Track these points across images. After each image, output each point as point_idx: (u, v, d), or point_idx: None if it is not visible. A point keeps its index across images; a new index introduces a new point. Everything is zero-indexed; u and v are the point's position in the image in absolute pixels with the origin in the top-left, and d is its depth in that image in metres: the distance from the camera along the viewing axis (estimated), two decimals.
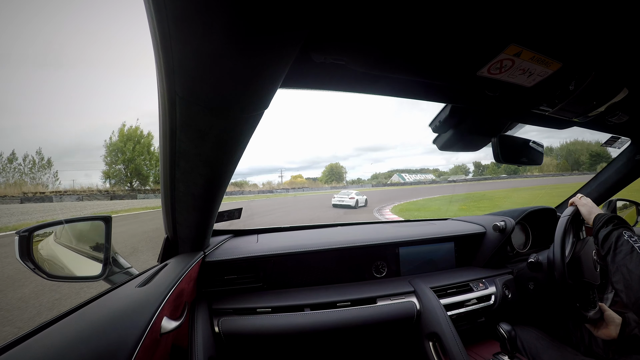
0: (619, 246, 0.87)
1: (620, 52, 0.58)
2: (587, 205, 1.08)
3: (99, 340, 0.49)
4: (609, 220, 0.95)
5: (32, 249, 0.81)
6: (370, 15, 0.43)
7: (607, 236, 0.92)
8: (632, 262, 0.82)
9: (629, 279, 0.81)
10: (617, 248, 0.88)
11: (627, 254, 0.84)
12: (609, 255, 0.89)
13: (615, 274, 0.86)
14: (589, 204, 1.08)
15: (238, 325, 0.99)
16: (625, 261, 0.84)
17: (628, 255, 0.84)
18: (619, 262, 0.85)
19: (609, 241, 0.91)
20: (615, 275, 0.86)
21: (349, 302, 1.11)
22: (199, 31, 0.35)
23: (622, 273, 0.84)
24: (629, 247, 0.85)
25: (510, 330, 1.00)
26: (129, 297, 0.68)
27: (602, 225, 0.96)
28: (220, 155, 0.62)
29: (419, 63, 0.56)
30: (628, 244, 0.86)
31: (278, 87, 0.49)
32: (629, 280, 0.81)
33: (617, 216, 0.97)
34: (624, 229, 0.91)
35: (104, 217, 0.96)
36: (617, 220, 0.95)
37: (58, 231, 1.02)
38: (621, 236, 0.89)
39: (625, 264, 0.83)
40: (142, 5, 0.36)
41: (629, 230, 0.90)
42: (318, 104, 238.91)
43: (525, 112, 0.82)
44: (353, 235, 1.37)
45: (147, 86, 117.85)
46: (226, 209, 1.34)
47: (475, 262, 1.47)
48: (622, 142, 1.39)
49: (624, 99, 0.71)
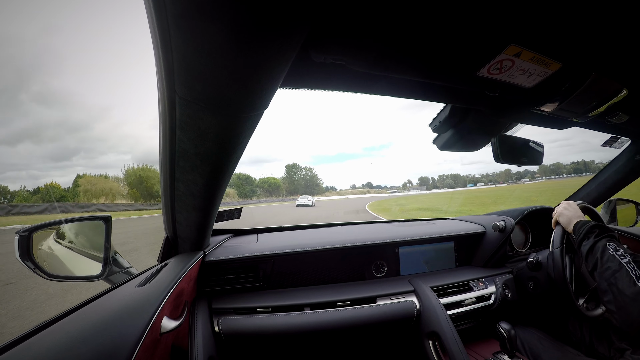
0: (605, 262, 0.81)
1: (620, 52, 0.58)
2: (564, 214, 1.02)
3: (99, 340, 0.49)
4: (590, 231, 0.89)
5: (32, 249, 0.81)
6: (370, 14, 0.43)
7: (591, 250, 0.86)
8: (621, 281, 0.76)
9: (620, 300, 0.76)
10: (603, 264, 0.81)
11: (615, 271, 0.78)
12: (596, 271, 0.83)
13: (605, 294, 0.80)
14: (568, 213, 1.02)
15: (238, 325, 0.99)
16: (615, 280, 0.78)
17: (617, 273, 0.78)
18: (608, 280, 0.79)
19: (594, 256, 0.85)
20: (605, 295, 0.80)
21: (349, 301, 1.11)
22: (199, 30, 0.35)
23: (612, 293, 0.78)
24: (616, 263, 0.79)
25: (509, 329, 1.00)
26: (129, 296, 0.68)
27: (583, 237, 0.90)
28: (220, 155, 0.62)
29: (419, 63, 0.56)
30: (614, 259, 0.79)
31: (278, 87, 0.49)
32: (621, 301, 0.76)
33: (597, 225, 0.91)
34: (607, 239, 0.85)
35: (103, 217, 0.96)
36: (598, 230, 0.89)
37: (58, 231, 1.02)
38: (606, 250, 0.82)
39: (614, 283, 0.77)
40: (142, 5, 0.36)
41: (612, 241, 0.84)
42: (296, 105, 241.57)
43: (525, 112, 0.82)
44: (353, 234, 1.37)
45: (146, 86, 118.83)
46: (226, 208, 1.34)
47: (475, 262, 1.47)
48: (622, 142, 1.39)
49: (624, 99, 0.71)
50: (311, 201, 30.71)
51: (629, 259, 0.78)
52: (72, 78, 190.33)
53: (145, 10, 0.36)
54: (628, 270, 0.77)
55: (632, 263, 0.78)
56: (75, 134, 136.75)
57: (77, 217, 0.98)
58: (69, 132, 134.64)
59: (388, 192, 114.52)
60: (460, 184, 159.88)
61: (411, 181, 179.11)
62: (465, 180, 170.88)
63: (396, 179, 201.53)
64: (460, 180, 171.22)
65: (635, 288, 0.74)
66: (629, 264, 0.77)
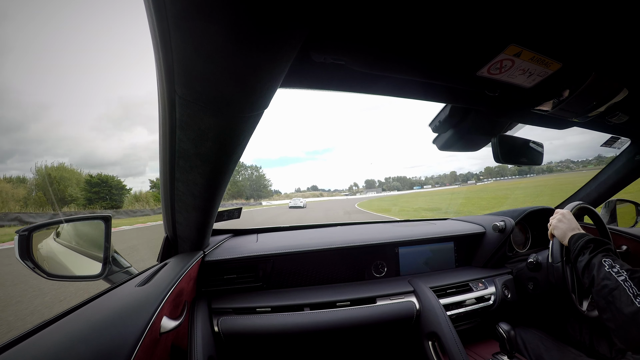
0: (602, 280, 0.80)
1: (620, 52, 0.58)
2: (559, 227, 1.01)
3: (98, 340, 0.49)
4: (585, 246, 0.88)
5: (32, 249, 0.81)
6: (370, 14, 0.43)
7: (587, 266, 0.85)
8: (619, 300, 0.75)
9: (619, 319, 0.74)
10: (600, 282, 0.80)
11: (612, 289, 0.77)
12: (593, 288, 0.82)
13: (604, 311, 0.79)
14: (562, 226, 1.00)
15: (237, 325, 0.99)
16: (612, 298, 0.76)
17: (615, 291, 0.76)
18: (605, 297, 0.78)
19: (590, 273, 0.83)
20: (604, 312, 0.79)
21: (349, 301, 1.11)
22: (199, 30, 0.35)
23: (611, 311, 0.76)
24: (612, 281, 0.77)
25: (509, 330, 1.00)
26: (129, 296, 0.68)
27: (579, 253, 0.89)
28: (220, 154, 0.62)
29: (419, 63, 0.56)
30: (611, 277, 0.78)
31: (278, 87, 0.49)
32: (620, 320, 0.74)
33: (592, 239, 0.89)
34: (603, 254, 0.84)
35: (103, 217, 0.96)
36: (593, 245, 0.87)
37: (58, 230, 1.02)
38: (601, 267, 0.81)
39: (612, 302, 0.76)
40: (142, 5, 0.36)
41: (608, 256, 0.83)
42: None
43: (525, 112, 0.82)
44: (353, 235, 1.37)
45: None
46: (226, 208, 1.34)
47: (474, 262, 1.47)
48: (622, 142, 1.39)
49: (624, 99, 0.71)
50: (303, 202, 34.79)
51: (625, 277, 0.77)
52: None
53: (145, 10, 0.36)
54: (625, 288, 0.75)
55: (628, 280, 0.76)
56: (9, 135, 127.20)
57: (77, 216, 0.98)
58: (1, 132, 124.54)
59: (343, 195, 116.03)
60: (407, 186, 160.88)
61: (357, 184, 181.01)
62: (411, 182, 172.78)
63: (341, 182, 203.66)
64: (407, 182, 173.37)
65: (633, 307, 0.72)
66: (625, 281, 0.76)
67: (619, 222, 1.71)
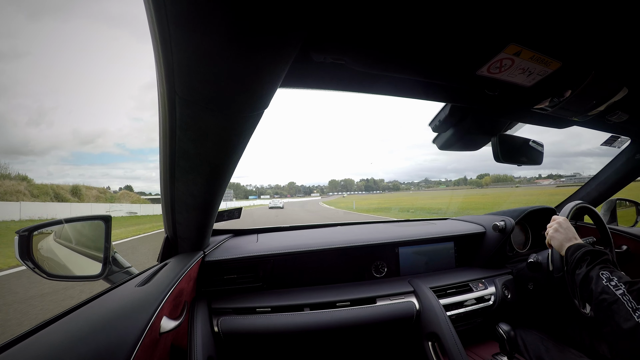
0: (601, 294, 0.78)
1: (620, 52, 0.58)
2: (555, 238, 0.99)
3: (98, 340, 0.49)
4: (582, 259, 0.86)
5: (32, 249, 0.81)
6: (369, 14, 0.43)
7: (584, 279, 0.83)
8: (618, 314, 0.72)
9: (618, 334, 0.72)
10: (598, 296, 0.78)
11: (610, 303, 0.75)
12: (592, 302, 0.80)
13: (604, 325, 0.77)
14: (559, 236, 0.98)
15: (237, 325, 0.99)
16: (611, 312, 0.74)
17: (613, 306, 0.74)
18: (604, 312, 0.76)
19: (587, 286, 0.81)
20: (605, 326, 0.77)
21: (349, 302, 1.11)
22: (199, 31, 0.35)
23: (610, 326, 0.74)
24: (611, 295, 0.75)
25: (509, 330, 0.99)
26: (129, 296, 0.68)
27: (576, 266, 0.87)
28: (220, 154, 0.62)
29: (419, 62, 0.56)
30: (609, 290, 0.76)
31: (278, 86, 0.49)
32: (619, 335, 0.72)
33: (589, 251, 0.87)
34: (600, 267, 0.82)
35: (103, 217, 0.96)
36: (590, 257, 0.85)
37: (58, 231, 1.02)
38: (599, 280, 0.79)
39: (612, 316, 0.74)
40: (142, 5, 0.36)
41: (605, 268, 0.81)
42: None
43: (525, 111, 0.82)
44: (353, 235, 1.37)
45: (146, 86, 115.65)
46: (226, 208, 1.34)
47: (474, 262, 1.47)
48: (622, 141, 1.39)
49: (624, 98, 0.71)
50: (282, 203, 39.64)
51: (624, 290, 0.75)
52: None
53: (145, 10, 0.36)
54: (623, 302, 0.73)
55: (626, 294, 0.74)
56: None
57: (77, 217, 0.98)
58: None
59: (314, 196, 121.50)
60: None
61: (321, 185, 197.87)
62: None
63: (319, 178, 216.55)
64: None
65: (631, 322, 0.70)
66: (623, 295, 0.74)
67: (619, 222, 1.71)
